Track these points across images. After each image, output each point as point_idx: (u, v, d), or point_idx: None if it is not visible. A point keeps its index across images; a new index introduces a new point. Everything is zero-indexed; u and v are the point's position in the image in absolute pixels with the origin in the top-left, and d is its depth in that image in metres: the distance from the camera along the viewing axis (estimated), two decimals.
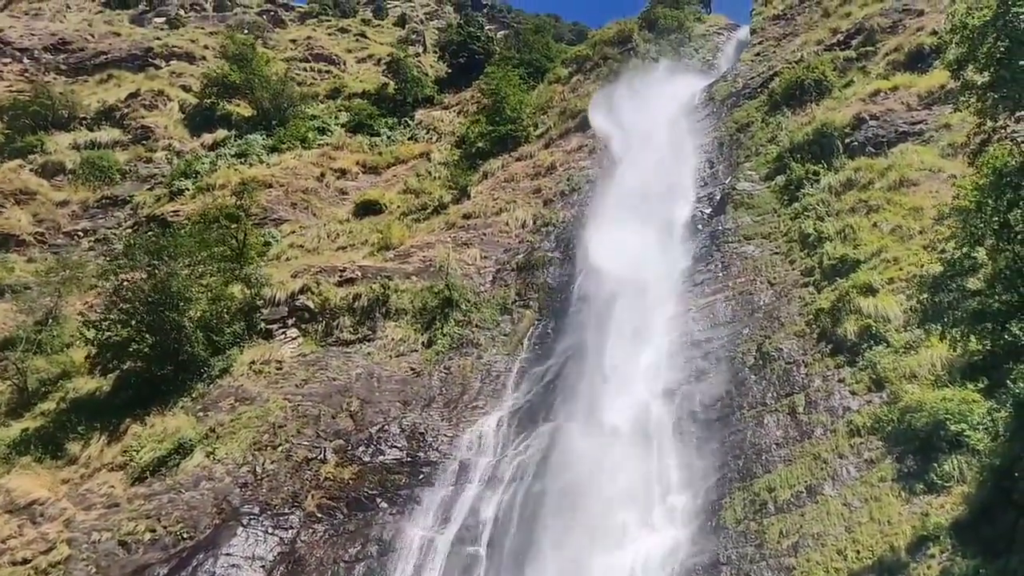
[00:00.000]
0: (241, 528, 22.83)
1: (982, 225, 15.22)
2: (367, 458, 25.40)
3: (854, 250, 24.15)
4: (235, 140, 50.74)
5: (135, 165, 48.57)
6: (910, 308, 20.13)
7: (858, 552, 16.19)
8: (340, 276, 33.84)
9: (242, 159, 48.21)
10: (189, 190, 44.59)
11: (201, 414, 27.66)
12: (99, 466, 26.38)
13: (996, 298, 15.16)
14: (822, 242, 25.48)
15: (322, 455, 25.58)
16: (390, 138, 52.89)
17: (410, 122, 55.40)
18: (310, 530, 23.17)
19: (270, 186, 44.22)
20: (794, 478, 18.72)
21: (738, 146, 35.20)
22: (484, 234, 36.97)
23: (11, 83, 55.73)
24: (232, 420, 27.12)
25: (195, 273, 30.54)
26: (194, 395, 28.68)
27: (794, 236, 26.93)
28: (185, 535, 22.94)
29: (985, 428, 16.10)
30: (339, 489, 24.33)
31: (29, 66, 58.77)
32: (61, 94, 53.02)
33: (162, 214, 42.38)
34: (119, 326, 29.07)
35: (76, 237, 43.02)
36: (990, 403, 16.21)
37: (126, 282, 29.41)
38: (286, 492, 24.20)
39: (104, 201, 45.45)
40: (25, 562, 22.63)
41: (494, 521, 22.36)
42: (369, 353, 30.26)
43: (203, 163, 47.70)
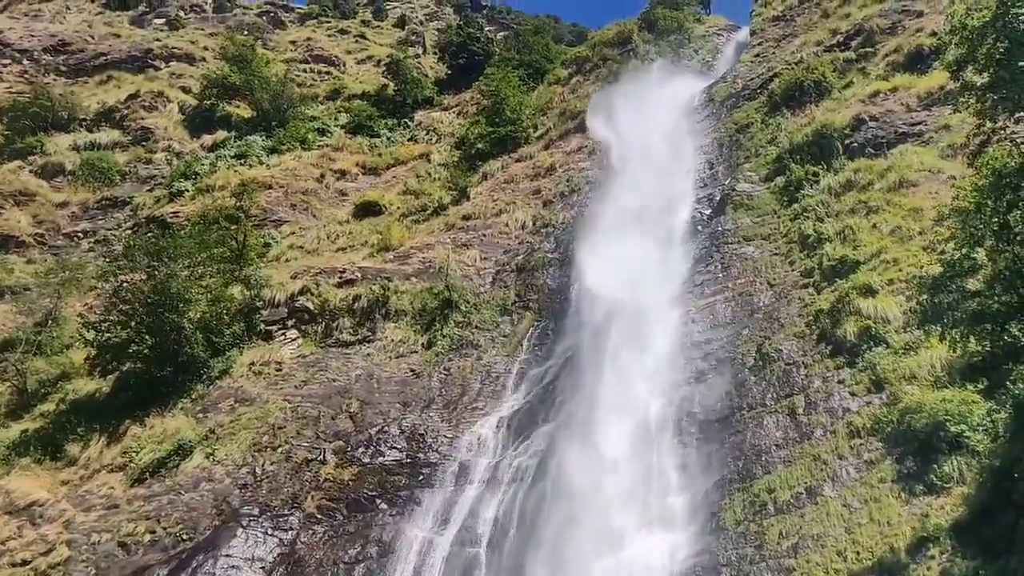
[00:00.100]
0: (241, 529, 22.83)
1: (981, 226, 15.23)
2: (367, 459, 25.40)
3: (854, 251, 24.17)
4: (235, 141, 50.69)
5: (135, 166, 48.57)
6: (910, 309, 20.14)
7: (858, 553, 16.20)
8: (340, 277, 33.85)
9: (242, 160, 48.18)
10: (189, 191, 44.57)
11: (201, 415, 27.67)
12: (99, 467, 26.38)
13: (996, 299, 15.14)
14: (822, 243, 25.49)
15: (322, 456, 25.58)
16: (390, 139, 52.88)
17: (410, 123, 55.38)
18: (310, 531, 23.17)
19: (270, 187, 44.22)
20: (794, 479, 18.73)
21: (737, 147, 35.20)
22: (484, 235, 36.96)
23: (11, 84, 55.73)
24: (232, 421, 27.12)
25: (195, 274, 30.53)
26: (194, 396, 28.69)
27: (794, 237, 26.94)
28: (185, 536, 22.94)
29: (985, 429, 16.10)
30: (339, 490, 24.33)
31: (29, 67, 58.77)
32: (61, 95, 53.00)
33: (162, 215, 42.35)
34: (119, 327, 29.07)
35: (76, 238, 43.01)
36: (990, 404, 16.21)
37: (126, 283, 29.40)
38: (286, 493, 24.20)
39: (104, 202, 45.43)
40: (24, 563, 22.60)
41: (494, 522, 22.39)
42: (369, 354, 30.26)
43: (203, 164, 47.67)
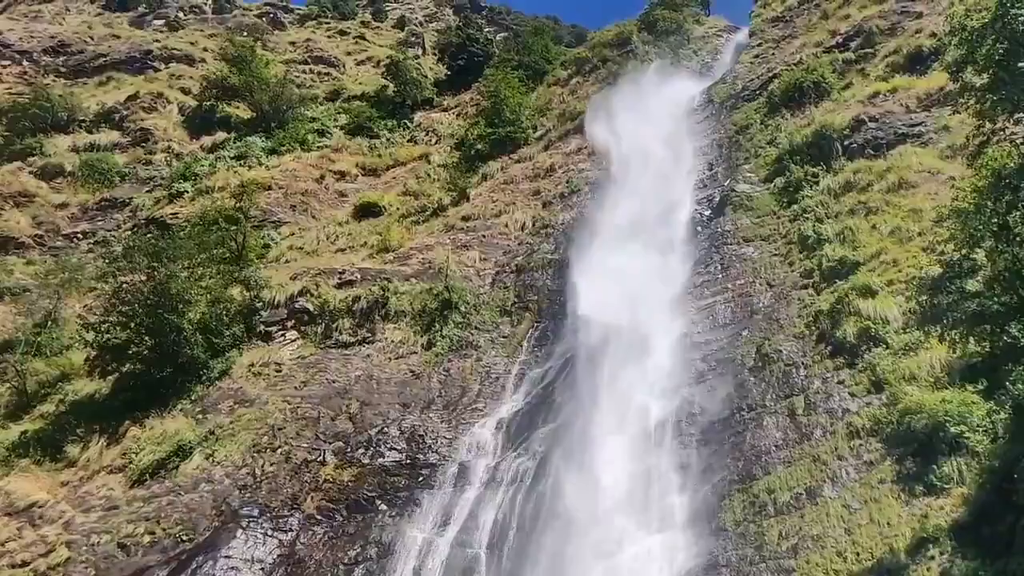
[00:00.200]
0: (240, 530, 22.82)
1: (981, 227, 15.22)
2: (366, 460, 25.40)
3: (853, 252, 24.17)
4: (234, 142, 50.62)
5: (134, 167, 48.55)
6: (909, 310, 20.16)
7: (858, 554, 16.20)
8: (339, 278, 33.84)
9: (241, 161, 48.12)
10: (188, 192, 44.53)
11: (200, 416, 27.64)
12: (98, 468, 26.35)
13: (995, 300, 15.13)
14: (821, 244, 25.49)
15: (321, 457, 25.57)
16: (389, 140, 52.84)
17: (409, 124, 55.35)
18: (309, 532, 23.16)
19: (269, 188, 44.19)
20: (794, 480, 18.73)
21: (737, 148, 35.21)
22: (483, 236, 36.97)
23: (10, 85, 55.76)
24: (231, 422, 27.11)
25: (194, 275, 30.48)
26: (193, 397, 28.66)
27: (793, 238, 26.95)
28: (184, 537, 22.92)
29: (984, 430, 16.09)
30: (338, 491, 24.31)
31: (28, 68, 58.81)
32: (60, 96, 52.97)
33: (161, 216, 42.32)
34: (118, 328, 29.04)
35: (75, 239, 42.98)
36: (989, 405, 16.18)
37: (125, 284, 29.34)
38: (285, 494, 24.19)
39: (103, 203, 45.40)
40: (24, 564, 22.57)
41: (494, 523, 22.37)
42: (368, 355, 30.24)
43: (202, 165, 47.62)
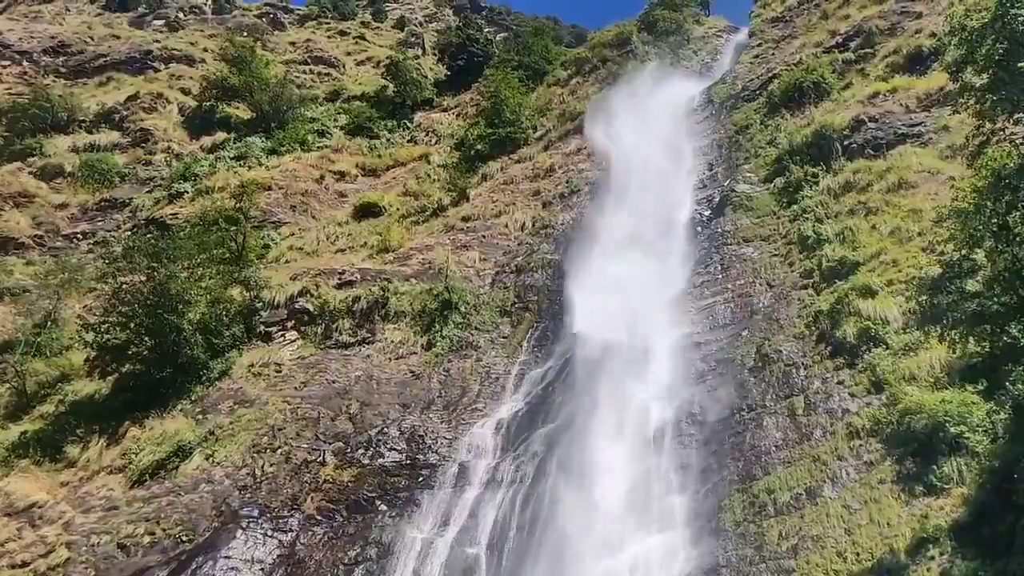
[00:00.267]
0: (240, 531, 22.80)
1: (981, 227, 15.25)
2: (366, 460, 25.38)
3: (853, 252, 24.18)
4: (234, 143, 50.63)
5: (134, 168, 48.59)
6: (909, 310, 20.18)
7: (858, 554, 16.21)
8: (339, 278, 33.82)
9: (241, 162, 48.13)
10: (188, 193, 44.53)
11: (200, 417, 27.62)
12: (98, 469, 26.34)
13: (995, 300, 15.15)
14: (821, 244, 25.51)
15: (321, 457, 25.55)
16: (389, 140, 52.85)
17: (409, 124, 55.36)
18: (309, 532, 23.15)
19: (269, 188, 44.19)
20: (793, 480, 18.73)
21: (737, 148, 35.22)
22: (483, 236, 36.96)
23: (10, 86, 55.79)
24: (231, 423, 27.09)
25: (194, 276, 30.45)
26: (193, 398, 28.65)
27: (793, 238, 26.96)
28: (184, 538, 22.90)
29: (984, 430, 16.11)
30: (338, 491, 24.30)
31: (28, 69, 58.81)
32: (60, 97, 53.01)
33: (161, 217, 42.32)
34: (118, 329, 29.02)
35: (75, 240, 42.99)
36: (989, 405, 16.19)
37: (125, 285, 29.34)
38: (285, 495, 24.17)
39: (103, 204, 45.43)
40: (24, 565, 22.56)
41: (494, 523, 22.37)
42: (368, 356, 30.23)
43: (202, 166, 47.63)
